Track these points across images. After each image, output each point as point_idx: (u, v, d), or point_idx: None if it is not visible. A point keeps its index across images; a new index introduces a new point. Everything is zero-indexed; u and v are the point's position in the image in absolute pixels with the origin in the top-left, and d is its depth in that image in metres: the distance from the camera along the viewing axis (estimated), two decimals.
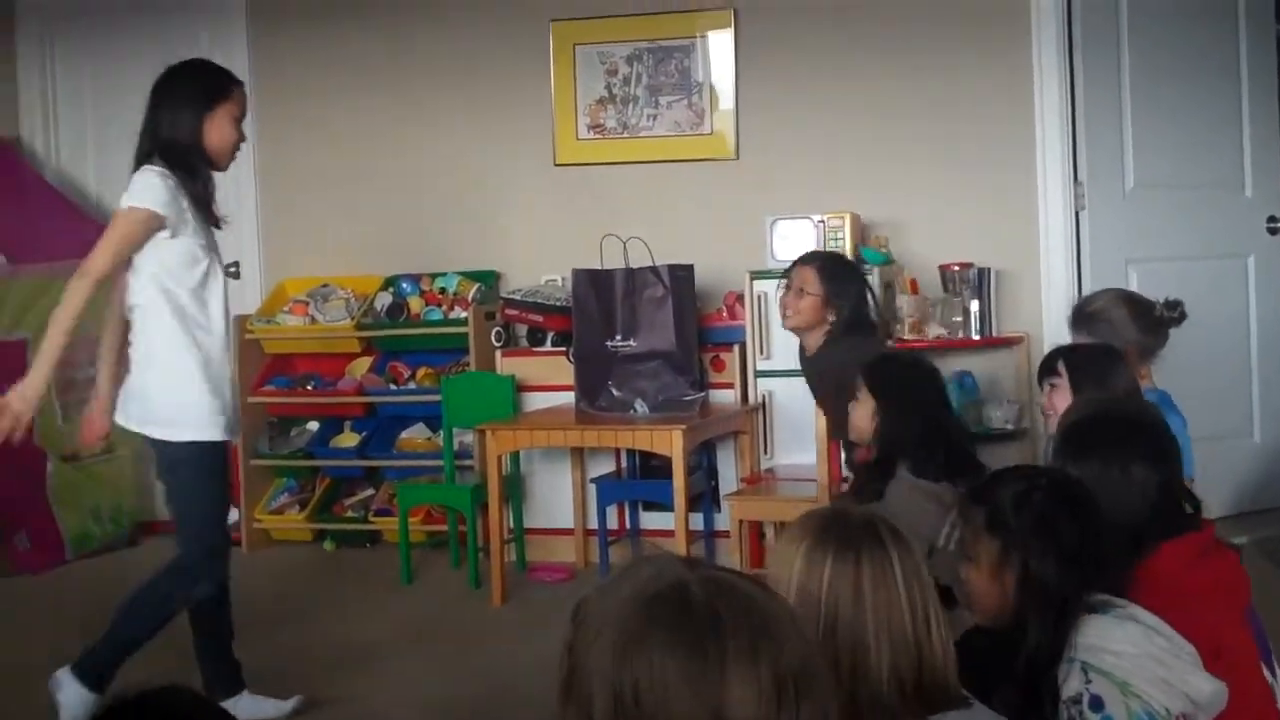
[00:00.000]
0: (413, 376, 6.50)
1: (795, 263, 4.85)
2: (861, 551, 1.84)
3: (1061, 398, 3.37)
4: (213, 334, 4.05)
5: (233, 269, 7.03)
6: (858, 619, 1.80)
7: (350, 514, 6.52)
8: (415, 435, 6.47)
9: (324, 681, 4.36)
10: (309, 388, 6.62)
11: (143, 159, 4.04)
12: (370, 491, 6.55)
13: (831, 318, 4.68)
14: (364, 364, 6.66)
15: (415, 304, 6.56)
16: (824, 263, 4.81)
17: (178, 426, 4.02)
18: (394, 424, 6.55)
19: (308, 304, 6.65)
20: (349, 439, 6.55)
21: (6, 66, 7.40)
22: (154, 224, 3.96)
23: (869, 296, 4.84)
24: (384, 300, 6.60)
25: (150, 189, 3.96)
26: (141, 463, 6.96)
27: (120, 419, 4.18)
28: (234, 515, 6.57)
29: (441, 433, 6.19)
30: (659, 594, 1.41)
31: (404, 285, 6.62)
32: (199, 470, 4.03)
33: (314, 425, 6.67)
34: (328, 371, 6.70)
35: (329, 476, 6.64)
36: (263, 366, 6.69)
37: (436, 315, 6.47)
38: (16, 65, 7.41)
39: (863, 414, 3.77)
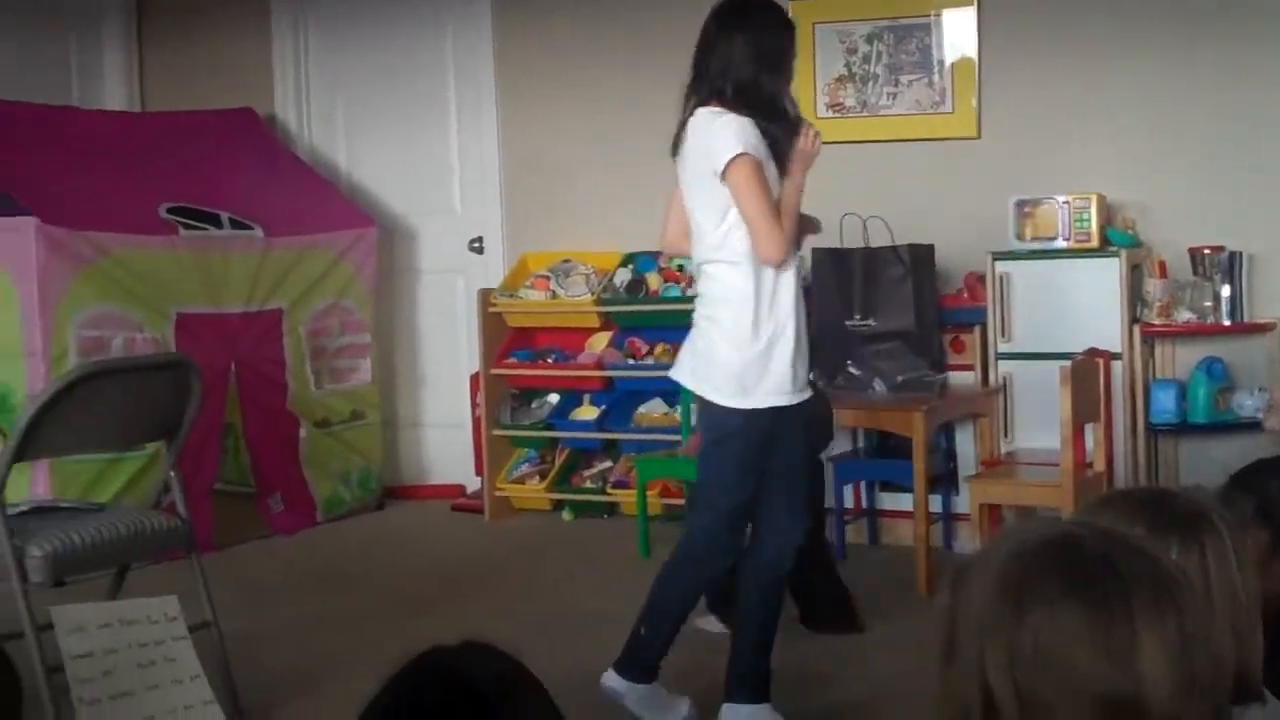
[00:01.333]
0: (651, 351, 6.58)
1: None
2: (1205, 540, 1.71)
3: None
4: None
5: (477, 244, 7.24)
6: (1205, 612, 1.72)
7: (588, 485, 6.64)
8: (652, 409, 6.56)
9: (565, 649, 4.44)
10: (549, 361, 6.76)
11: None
12: (608, 464, 6.67)
13: None
14: (603, 339, 6.76)
15: (654, 280, 6.64)
16: None
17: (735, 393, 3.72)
18: (631, 398, 6.65)
19: (549, 279, 6.78)
20: (588, 412, 6.68)
21: (262, 46, 7.69)
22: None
23: None
24: (623, 276, 6.69)
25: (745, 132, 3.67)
26: (389, 429, 7.23)
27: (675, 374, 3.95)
28: (477, 484, 6.81)
29: (679, 407, 6.26)
30: (1049, 541, 1.34)
31: (644, 261, 6.71)
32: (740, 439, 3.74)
33: (554, 398, 6.81)
34: (568, 345, 6.82)
35: (568, 448, 6.77)
36: (505, 339, 6.85)
37: (675, 292, 6.54)
38: (271, 44, 7.70)
39: None
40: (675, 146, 3.91)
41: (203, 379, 4.11)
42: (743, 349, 3.69)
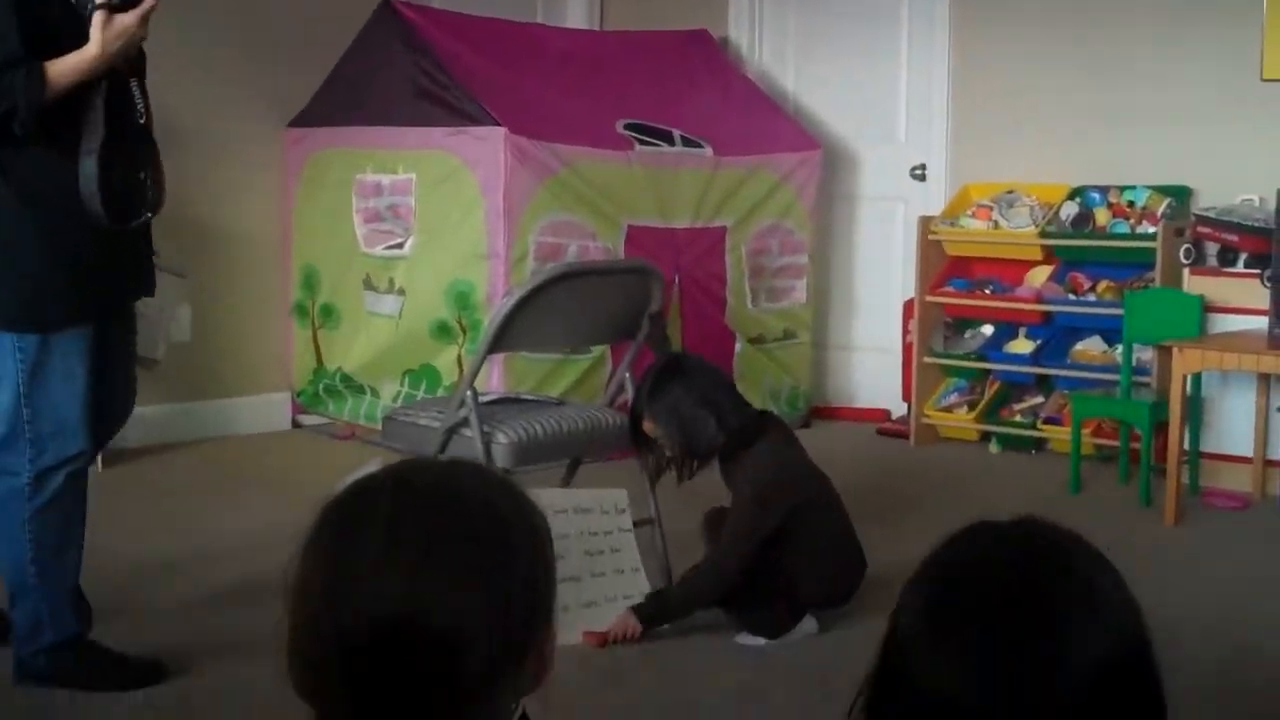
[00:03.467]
0: (1093, 288, 6.43)
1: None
2: None
3: None
4: None
5: (919, 171, 7.22)
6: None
7: (1018, 419, 6.57)
8: (1090, 347, 6.41)
9: None
10: (987, 291, 6.69)
11: None
12: (1039, 399, 6.57)
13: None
14: (1043, 272, 6.64)
15: (1101, 215, 6.46)
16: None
17: None
18: (1069, 334, 6.52)
19: (991, 209, 6.70)
20: (1023, 345, 6.59)
21: None
22: None
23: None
24: (1069, 210, 6.54)
25: None
26: (819, 350, 7.33)
27: None
28: (904, 410, 6.83)
29: (1119, 347, 6.11)
30: None
31: (1091, 196, 6.54)
32: None
33: (988, 329, 6.75)
34: (1006, 277, 6.73)
35: (999, 380, 6.70)
36: (942, 267, 6.82)
37: (1122, 228, 6.36)
38: None
39: None
40: None
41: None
42: None
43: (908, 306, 6.88)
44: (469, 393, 4.09)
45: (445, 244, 6.18)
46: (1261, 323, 5.56)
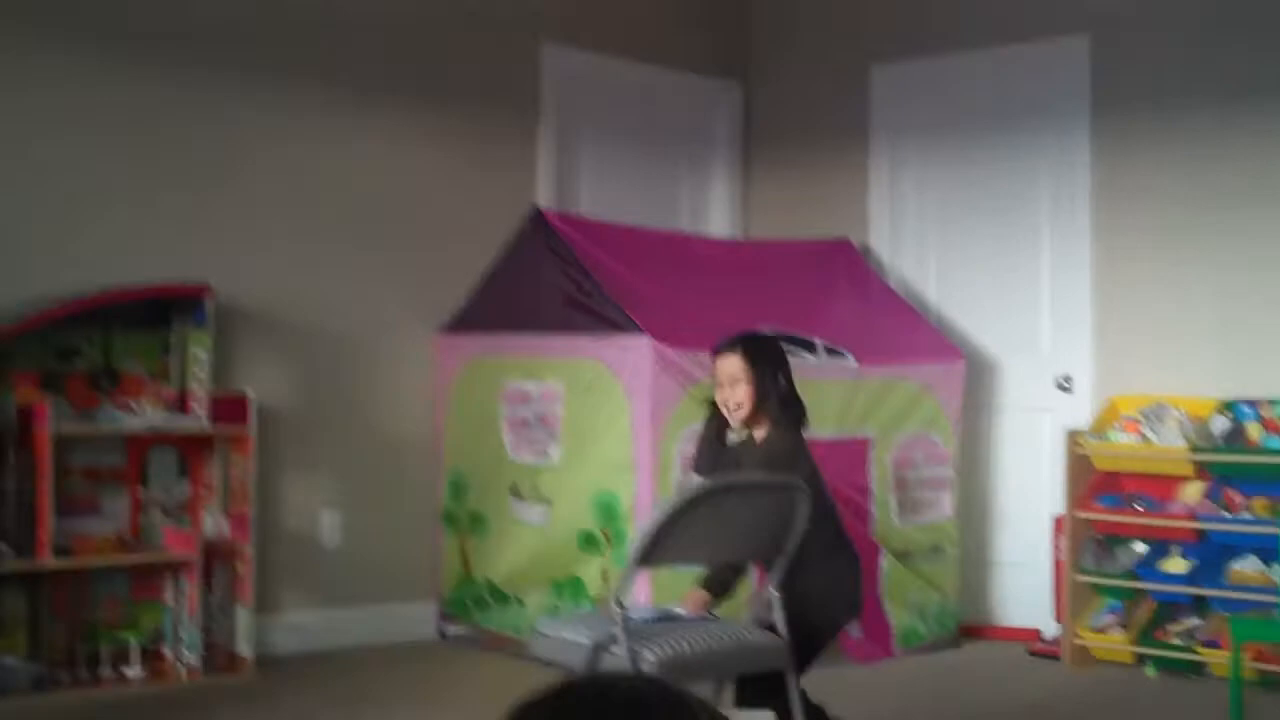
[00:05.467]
0: (1248, 505, 6.28)
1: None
2: None
3: None
4: None
5: (1065, 382, 7.15)
6: None
7: (1175, 641, 6.37)
8: (1247, 567, 6.24)
9: None
10: (1137, 508, 6.56)
11: None
12: (1196, 620, 6.37)
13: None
14: (1196, 488, 6.50)
15: (1253, 430, 6.34)
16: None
17: None
18: (1224, 553, 6.35)
19: (1139, 422, 6.60)
20: (1176, 564, 6.42)
21: (860, 177, 7.94)
22: None
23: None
24: (1220, 424, 6.43)
25: None
26: (966, 566, 7.20)
27: None
28: (1055, 630, 6.66)
29: (1275, 565, 5.93)
30: None
31: (1242, 409, 6.43)
32: None
33: (1140, 546, 6.59)
34: (1156, 492, 6.60)
35: (1154, 600, 6.53)
36: (1091, 483, 6.71)
37: (1276, 444, 6.23)
38: (868, 177, 7.93)
39: None
40: None
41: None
42: None
43: (1058, 521, 6.75)
44: (617, 608, 4.07)
45: (591, 453, 6.23)
46: None
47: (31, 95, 5.90)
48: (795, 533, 4.28)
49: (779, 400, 4.55)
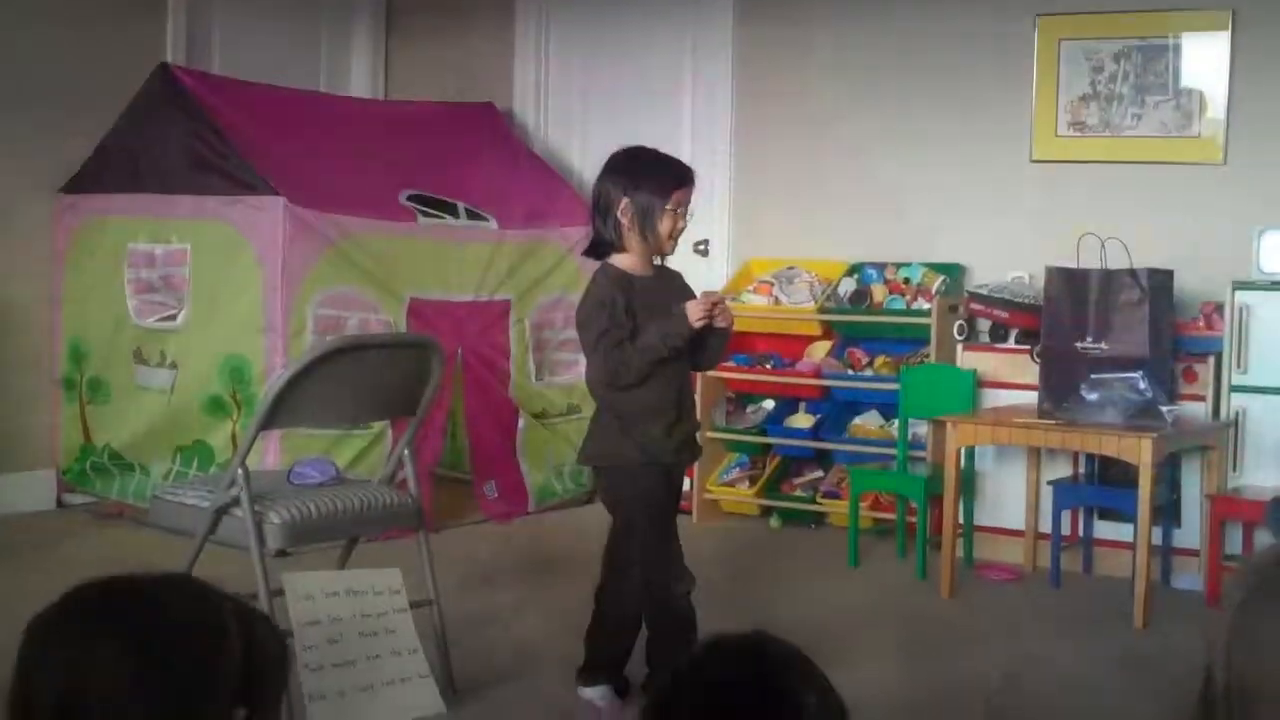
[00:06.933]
0: (871, 363, 6.54)
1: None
2: None
3: None
4: None
5: (702, 246, 7.27)
6: None
7: (799, 493, 6.63)
8: (868, 422, 6.52)
9: None
10: (767, 366, 6.76)
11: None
12: (819, 473, 6.64)
13: None
14: (823, 347, 6.74)
15: (878, 292, 6.59)
16: None
17: None
18: (848, 409, 6.62)
19: (772, 284, 6.78)
20: (803, 420, 6.66)
21: (505, 43, 7.85)
22: None
23: None
24: (847, 286, 6.66)
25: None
26: None
27: None
28: (687, 484, 6.81)
29: (896, 421, 6.22)
30: None
31: (868, 272, 6.68)
32: None
33: (769, 404, 6.81)
34: (786, 352, 6.82)
35: (780, 455, 6.77)
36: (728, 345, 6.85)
37: (899, 304, 6.49)
38: (514, 43, 7.84)
39: None
40: None
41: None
42: None
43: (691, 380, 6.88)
44: (240, 471, 3.95)
45: (220, 317, 6.03)
46: (1032, 397, 5.72)
47: None
48: (429, 392, 4.22)
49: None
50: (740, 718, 1.37)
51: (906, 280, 6.54)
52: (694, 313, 3.94)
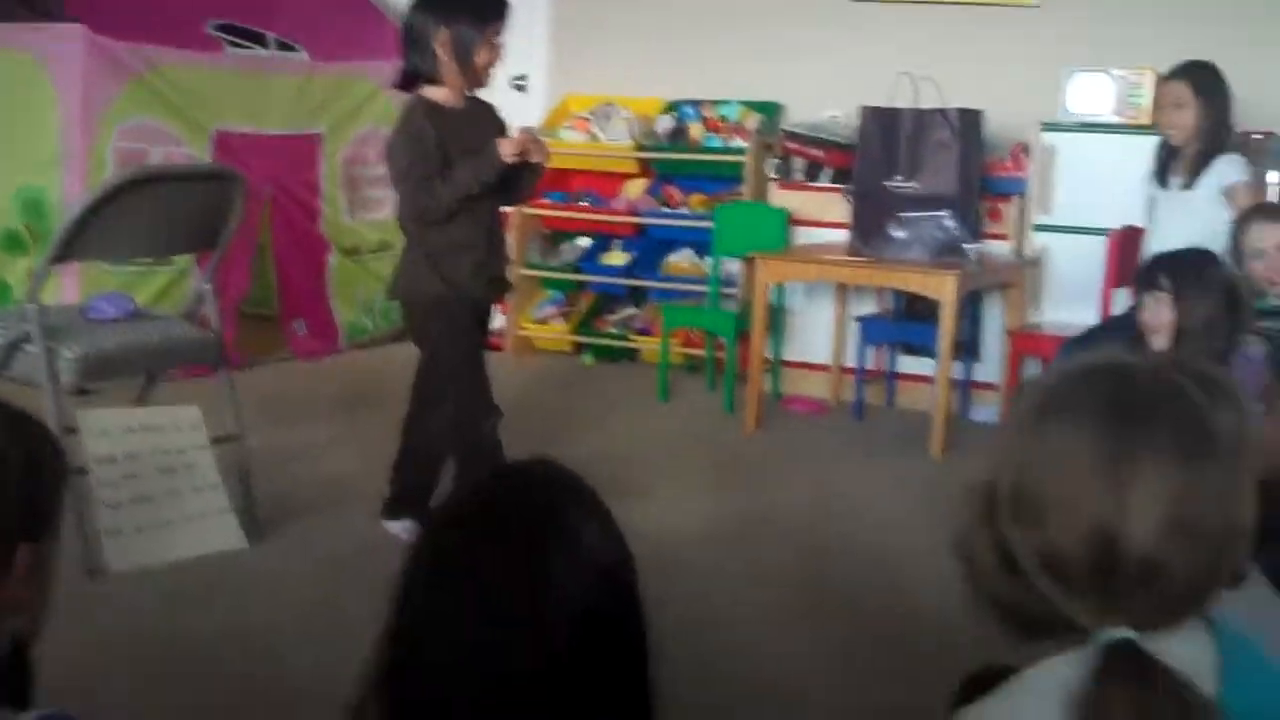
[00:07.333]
0: (686, 201, 6.55)
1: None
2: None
3: (1167, 310, 3.23)
4: None
5: (521, 81, 7.17)
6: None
7: (612, 330, 6.66)
8: (682, 260, 6.55)
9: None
10: (583, 204, 6.73)
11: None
12: (633, 310, 6.68)
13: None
14: (639, 185, 6.73)
15: (695, 130, 6.59)
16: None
17: None
18: (662, 247, 6.64)
19: (590, 121, 6.73)
20: (617, 257, 6.67)
21: None
22: None
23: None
24: (665, 124, 6.64)
25: None
26: None
27: None
28: (500, 321, 6.80)
29: (709, 259, 6.26)
30: (1099, 365, 1.35)
31: (686, 110, 6.65)
32: None
33: (584, 241, 6.80)
34: (603, 190, 6.80)
35: (594, 292, 6.78)
36: (541, 179, 6.80)
37: (715, 143, 6.50)
38: None
39: None
40: None
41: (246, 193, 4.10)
42: None
43: (505, 217, 6.83)
44: (32, 306, 3.83)
45: (14, 148, 5.79)
46: (844, 236, 5.79)
47: None
48: (230, 225, 4.12)
49: None
50: (516, 543, 1.35)
51: (724, 118, 6.54)
52: (506, 149, 3.90)
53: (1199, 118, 4.56)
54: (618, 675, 1.35)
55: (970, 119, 5.69)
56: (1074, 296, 5.45)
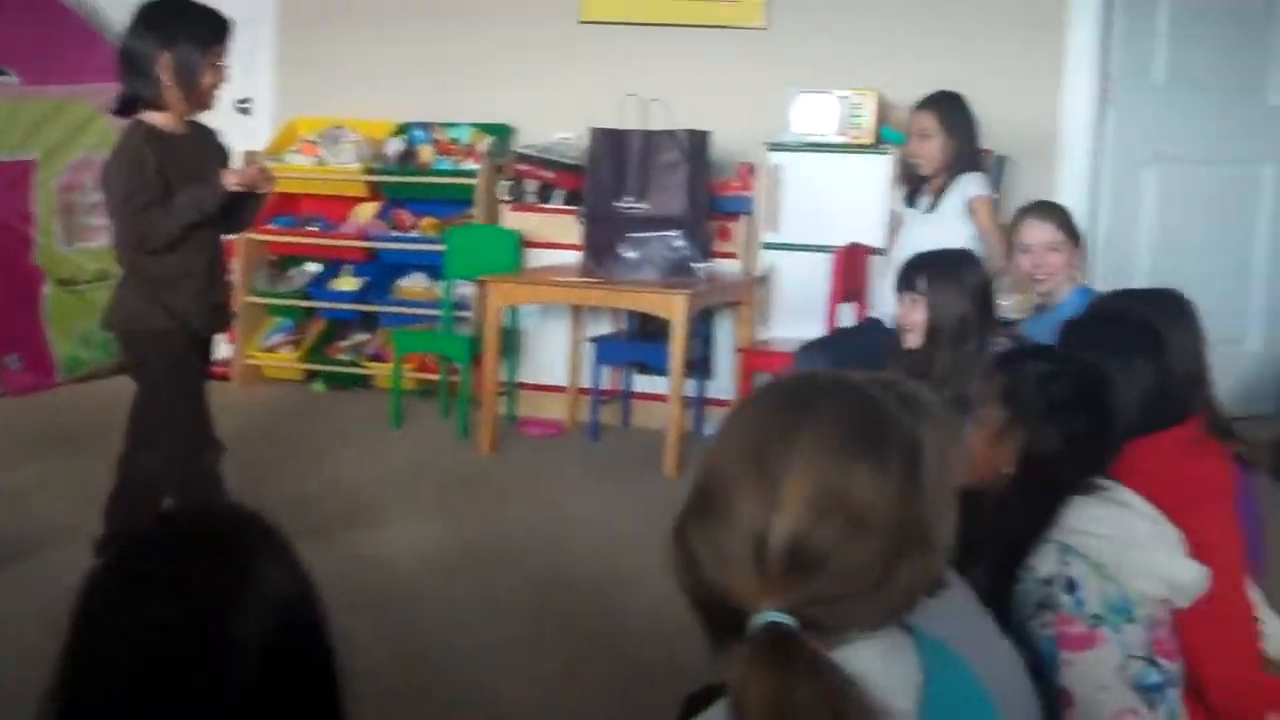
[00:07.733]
0: (417, 225, 6.47)
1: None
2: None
3: (920, 310, 3.33)
4: None
5: (245, 104, 6.99)
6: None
7: (343, 357, 6.52)
8: (414, 284, 6.46)
9: (316, 522, 4.33)
10: (312, 229, 6.59)
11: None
12: (365, 336, 6.55)
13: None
14: (369, 209, 6.62)
15: (426, 153, 6.51)
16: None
17: None
18: (394, 271, 6.53)
19: (318, 144, 6.59)
20: (348, 283, 6.54)
21: None
22: None
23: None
24: (395, 146, 6.55)
25: None
26: None
27: None
28: (227, 350, 6.61)
29: (441, 283, 6.19)
30: (791, 374, 1.42)
31: (416, 133, 6.57)
32: None
33: (314, 267, 6.65)
34: (332, 214, 6.66)
35: (325, 319, 6.63)
36: (267, 205, 6.64)
37: (446, 165, 6.43)
38: None
39: None
40: None
41: None
42: None
43: (230, 244, 6.65)
44: None
45: None
46: (575, 257, 5.78)
47: None
48: None
49: None
50: (187, 589, 1.31)
51: (454, 141, 6.48)
52: (230, 180, 3.78)
53: (944, 148, 4.73)
54: (306, 710, 1.32)
55: (698, 139, 5.74)
56: (801, 312, 5.53)
